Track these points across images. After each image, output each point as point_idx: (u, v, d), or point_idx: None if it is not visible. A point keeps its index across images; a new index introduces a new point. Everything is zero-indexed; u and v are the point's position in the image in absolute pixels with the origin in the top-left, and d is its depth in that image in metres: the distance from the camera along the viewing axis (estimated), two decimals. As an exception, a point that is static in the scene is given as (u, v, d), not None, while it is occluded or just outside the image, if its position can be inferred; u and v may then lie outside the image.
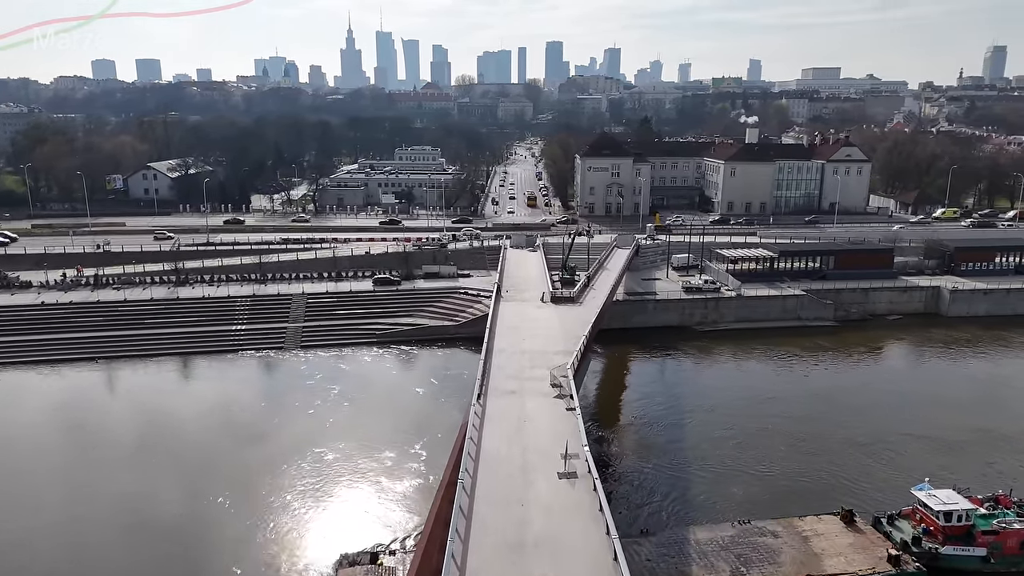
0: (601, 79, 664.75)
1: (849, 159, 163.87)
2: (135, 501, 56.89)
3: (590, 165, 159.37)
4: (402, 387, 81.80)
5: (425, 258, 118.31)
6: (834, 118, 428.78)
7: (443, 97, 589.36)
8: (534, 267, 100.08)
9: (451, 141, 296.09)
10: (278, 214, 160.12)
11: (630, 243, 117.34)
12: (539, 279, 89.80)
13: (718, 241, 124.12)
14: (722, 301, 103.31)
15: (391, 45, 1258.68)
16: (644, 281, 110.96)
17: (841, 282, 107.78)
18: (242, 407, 75.59)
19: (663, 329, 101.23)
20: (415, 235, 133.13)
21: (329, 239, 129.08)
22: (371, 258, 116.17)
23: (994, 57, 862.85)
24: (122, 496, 57.69)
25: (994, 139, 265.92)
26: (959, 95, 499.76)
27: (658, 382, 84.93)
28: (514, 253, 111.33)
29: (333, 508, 55.50)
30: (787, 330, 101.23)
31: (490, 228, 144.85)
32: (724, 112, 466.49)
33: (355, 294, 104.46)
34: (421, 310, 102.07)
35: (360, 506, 55.93)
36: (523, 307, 72.98)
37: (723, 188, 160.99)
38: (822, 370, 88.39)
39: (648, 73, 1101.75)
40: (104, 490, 58.88)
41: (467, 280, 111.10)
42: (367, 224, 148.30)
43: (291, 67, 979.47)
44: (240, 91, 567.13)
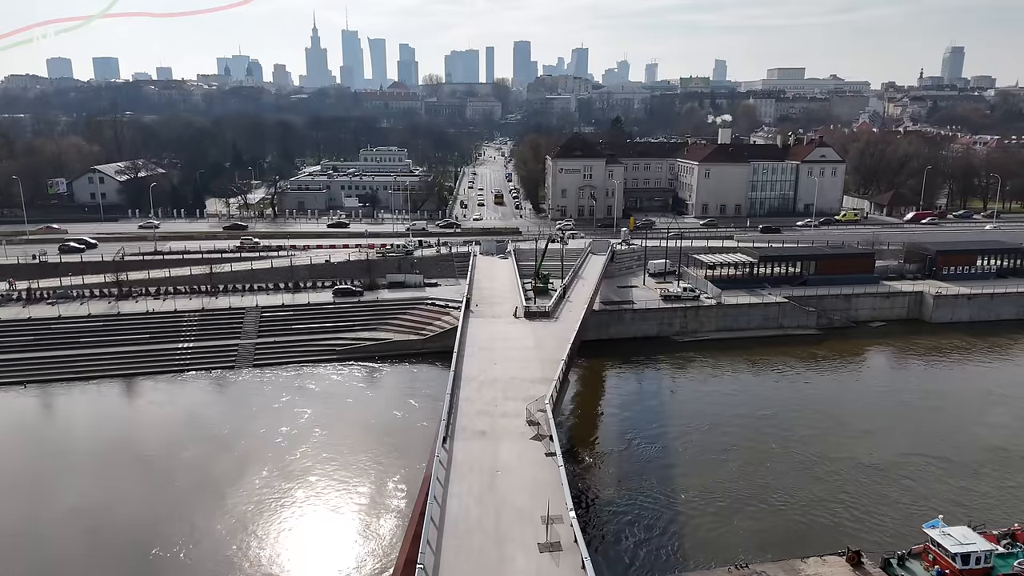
0: (570, 79, 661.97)
1: (823, 160, 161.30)
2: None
3: (562, 167, 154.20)
4: (375, 409, 75.04)
5: (389, 266, 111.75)
6: (801, 118, 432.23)
7: (410, 97, 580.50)
8: (505, 276, 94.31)
9: (418, 142, 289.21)
10: (235, 219, 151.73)
11: (605, 249, 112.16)
12: (511, 290, 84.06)
13: (695, 246, 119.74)
14: (702, 310, 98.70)
15: (357, 44, 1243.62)
16: (620, 289, 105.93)
17: (823, 288, 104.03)
18: (198, 437, 68.09)
19: (641, 340, 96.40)
20: (380, 241, 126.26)
21: (287, 246, 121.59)
22: (331, 267, 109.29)
23: (952, 58, 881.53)
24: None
25: (960, 139, 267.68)
26: (921, 95, 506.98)
27: (639, 398, 79.66)
28: (484, 261, 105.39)
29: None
30: (770, 339, 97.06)
31: (458, 232, 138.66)
32: (693, 112, 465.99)
33: (314, 306, 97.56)
34: (385, 323, 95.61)
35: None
36: (495, 324, 67.09)
37: (697, 190, 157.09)
38: (815, 382, 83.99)
39: (616, 73, 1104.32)
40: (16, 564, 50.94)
41: (434, 290, 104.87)
42: (329, 230, 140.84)
43: (255, 66, 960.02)
44: (200, 90, 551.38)
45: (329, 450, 64.75)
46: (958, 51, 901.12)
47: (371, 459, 62.86)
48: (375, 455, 63.47)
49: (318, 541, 50.47)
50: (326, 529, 52.38)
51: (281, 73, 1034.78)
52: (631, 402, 78.04)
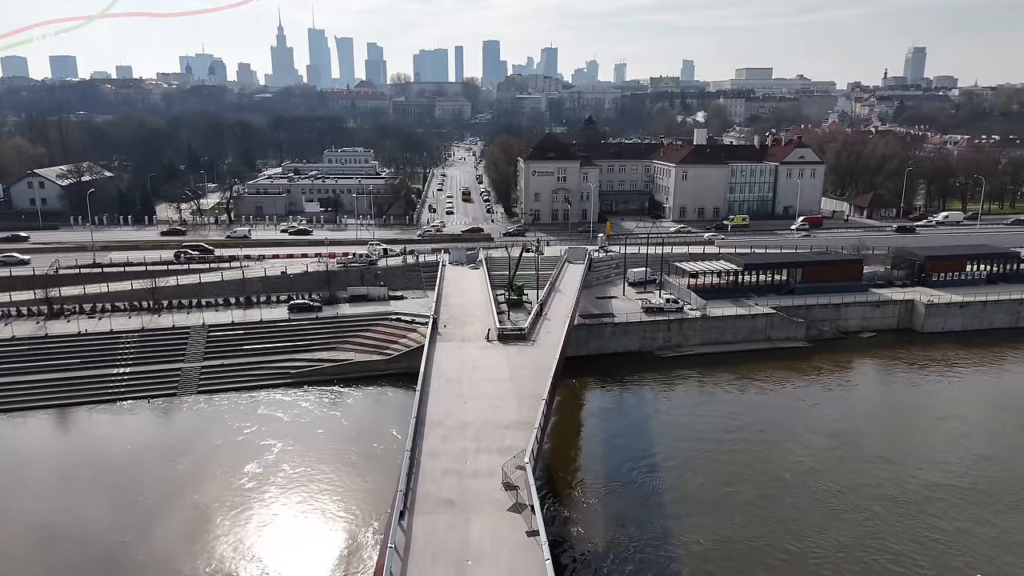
0: (540, 78, 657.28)
1: (803, 161, 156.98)
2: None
3: (534, 169, 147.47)
4: (335, 444, 67.18)
5: (352, 278, 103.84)
6: (771, 117, 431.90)
7: (378, 96, 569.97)
8: (477, 289, 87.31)
9: (385, 142, 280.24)
10: (187, 226, 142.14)
11: (582, 257, 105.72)
12: (483, 306, 77.03)
13: (675, 252, 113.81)
14: (686, 323, 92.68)
15: (324, 43, 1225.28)
16: (599, 300, 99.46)
17: (811, 297, 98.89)
18: (142, 478, 59.80)
19: (623, 356, 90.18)
20: (342, 250, 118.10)
21: (241, 256, 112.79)
22: (287, 279, 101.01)
23: (915, 58, 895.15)
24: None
25: (930, 139, 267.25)
26: (888, 95, 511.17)
27: (625, 423, 73.14)
28: (453, 272, 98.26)
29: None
30: (758, 353, 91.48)
31: (426, 239, 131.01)
32: (664, 112, 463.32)
33: (267, 324, 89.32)
34: (346, 342, 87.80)
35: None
36: (464, 350, 59.99)
37: (675, 192, 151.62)
38: (815, 401, 78.04)
39: (585, 73, 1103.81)
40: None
41: (400, 303, 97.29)
42: (283, 238, 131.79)
43: (218, 64, 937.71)
44: (159, 89, 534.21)
45: (290, 496, 56.94)
46: (920, 52, 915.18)
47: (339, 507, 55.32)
48: (343, 500, 55.89)
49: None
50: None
51: (246, 72, 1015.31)
52: (617, 428, 71.50)
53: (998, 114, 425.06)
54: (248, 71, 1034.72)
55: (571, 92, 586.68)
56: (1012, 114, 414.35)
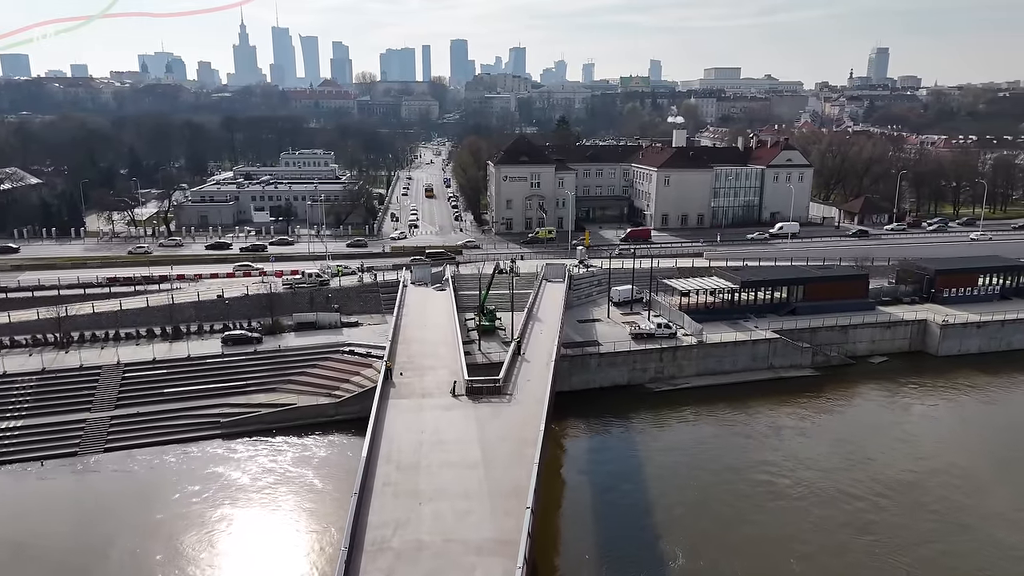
0: (509, 78, 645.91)
1: (790, 164, 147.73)
2: None
3: (506, 174, 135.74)
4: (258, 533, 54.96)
5: (299, 301, 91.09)
6: (743, 117, 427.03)
7: (342, 95, 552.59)
8: (442, 317, 75.39)
9: (348, 143, 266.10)
10: (120, 239, 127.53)
11: (562, 275, 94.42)
12: (448, 342, 65.14)
13: (663, 267, 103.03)
14: (680, 351, 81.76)
15: (288, 42, 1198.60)
16: (581, 325, 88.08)
17: (814, 317, 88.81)
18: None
19: (610, 391, 79.06)
20: (291, 267, 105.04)
21: (172, 275, 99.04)
22: (224, 305, 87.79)
23: (878, 59, 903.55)
24: None
25: (909, 139, 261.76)
26: (857, 95, 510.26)
27: (616, 475, 61.82)
28: (416, 294, 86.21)
29: None
30: (760, 385, 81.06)
31: (388, 253, 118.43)
32: (635, 112, 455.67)
33: (195, 361, 76.17)
34: (289, 381, 75.11)
35: None
36: (424, 412, 48.05)
37: (656, 199, 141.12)
38: (849, 442, 67.62)
39: (553, 73, 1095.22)
40: None
41: (355, 331, 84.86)
42: (230, 253, 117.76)
43: (177, 63, 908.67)
44: (111, 88, 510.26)
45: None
46: (883, 52, 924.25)
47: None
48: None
49: None
50: None
51: (206, 71, 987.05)
52: (607, 482, 60.26)
53: (965, 113, 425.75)
54: (209, 70, 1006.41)
55: (541, 92, 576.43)
56: (979, 114, 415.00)
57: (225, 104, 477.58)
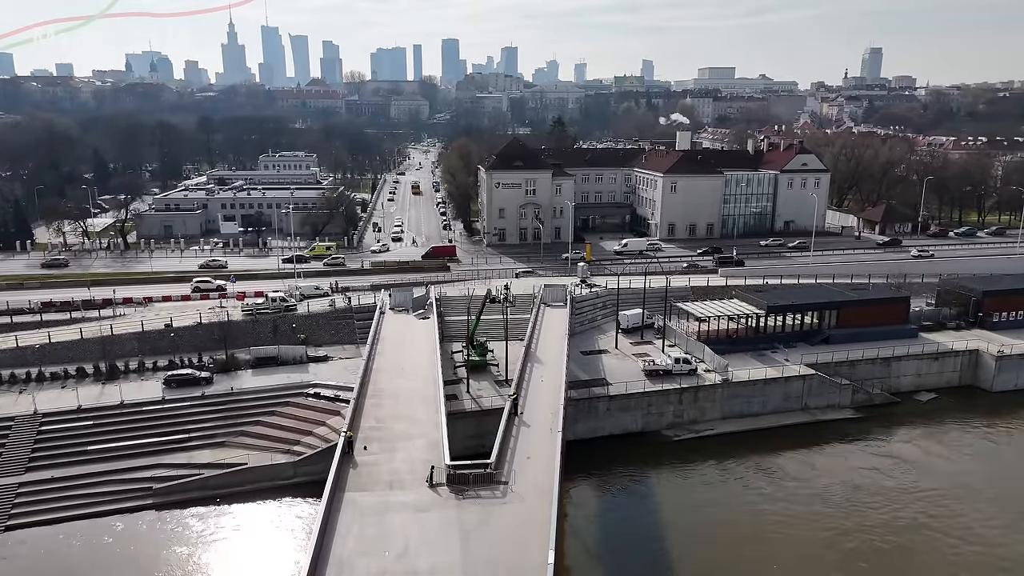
0: (500, 77, 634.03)
1: (805, 168, 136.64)
2: None
3: (499, 180, 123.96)
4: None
5: (260, 331, 79.10)
6: (740, 118, 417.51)
7: (330, 95, 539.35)
8: (423, 358, 63.62)
9: (333, 144, 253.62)
10: (71, 252, 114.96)
11: (562, 298, 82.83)
12: (429, 396, 53.36)
13: (674, 285, 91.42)
14: (702, 391, 70.25)
15: (278, 41, 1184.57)
16: (586, 357, 76.46)
17: (851, 347, 77.72)
18: None
19: (621, 439, 67.59)
20: (255, 287, 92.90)
21: (118, 298, 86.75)
22: (171, 336, 75.50)
23: (871, 59, 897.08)
24: None
25: (918, 140, 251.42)
26: (856, 95, 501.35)
27: (626, 550, 50.27)
28: (394, 325, 74.44)
29: None
30: (795, 430, 69.93)
31: (367, 270, 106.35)
32: (630, 112, 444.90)
33: (130, 409, 64.10)
34: (241, 432, 63.16)
35: None
36: (389, 514, 36.41)
37: (662, 206, 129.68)
38: (883, 507, 56.36)
39: (545, 72, 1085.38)
40: None
41: (322, 368, 72.93)
42: (187, 268, 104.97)
43: (164, 62, 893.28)
44: (91, 87, 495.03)
45: None
46: (876, 52, 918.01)
47: None
48: None
49: None
50: None
51: (193, 70, 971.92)
52: (618, 559, 48.58)
53: (965, 114, 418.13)
54: (196, 69, 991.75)
55: (533, 91, 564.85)
56: (979, 114, 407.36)
57: (208, 104, 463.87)
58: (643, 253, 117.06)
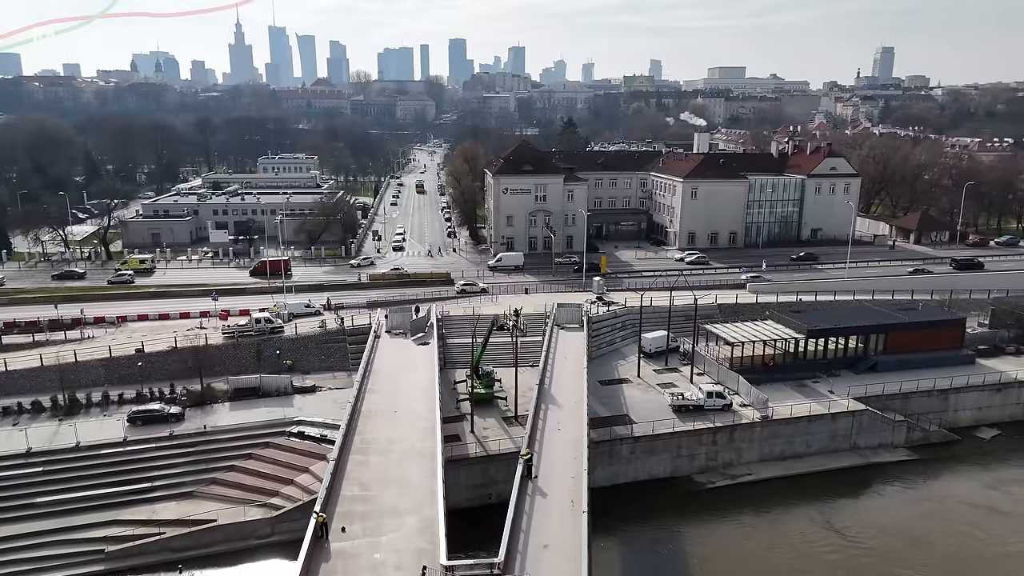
0: (508, 77, 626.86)
1: (834, 173, 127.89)
2: None
3: (506, 186, 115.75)
4: None
5: (242, 356, 71.15)
6: (753, 118, 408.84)
7: (335, 95, 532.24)
8: (420, 394, 55.61)
9: (337, 146, 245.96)
10: (50, 263, 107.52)
11: (578, 319, 74.66)
12: (426, 451, 45.16)
13: (703, 304, 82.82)
14: (739, 430, 61.86)
15: (285, 41, 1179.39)
16: (605, 388, 68.18)
17: (903, 376, 69.15)
18: None
19: (646, 486, 59.31)
20: (241, 304, 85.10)
21: (88, 317, 79.10)
22: (142, 363, 67.54)
23: (883, 58, 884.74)
24: None
25: (942, 141, 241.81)
26: (871, 94, 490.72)
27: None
28: (390, 352, 66.44)
29: None
30: (843, 475, 61.58)
31: (363, 284, 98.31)
32: (641, 112, 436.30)
33: (87, 452, 56.19)
34: (212, 480, 55.19)
35: None
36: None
37: (682, 213, 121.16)
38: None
39: (553, 72, 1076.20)
40: None
41: (309, 401, 64.90)
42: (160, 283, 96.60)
43: (170, 62, 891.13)
44: (94, 87, 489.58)
45: None
46: (888, 51, 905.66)
47: None
48: None
49: None
50: None
51: (200, 70, 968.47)
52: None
53: (984, 114, 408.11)
54: (203, 69, 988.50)
55: (541, 91, 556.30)
56: (998, 114, 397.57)
57: (213, 104, 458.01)
58: (520, 269, 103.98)
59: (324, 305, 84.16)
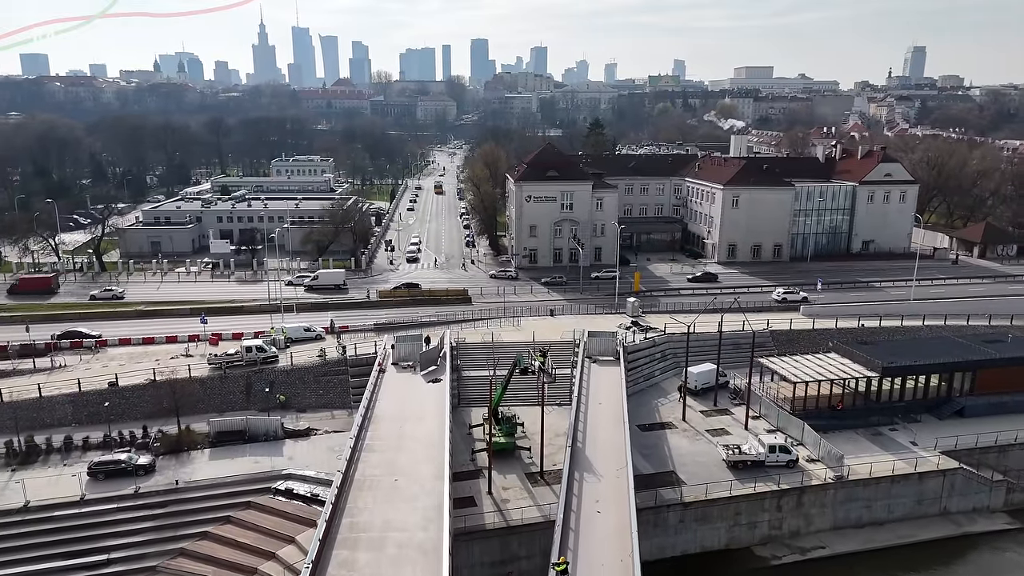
0: (530, 76, 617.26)
1: (889, 180, 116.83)
2: None
3: (530, 193, 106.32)
4: None
5: (230, 391, 62.55)
6: (783, 119, 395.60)
7: (356, 95, 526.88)
8: (427, 452, 46.36)
9: (356, 147, 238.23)
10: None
11: (612, 350, 65.09)
12: (428, 537, 35.88)
13: (749, 331, 72.68)
14: (808, 493, 51.80)
15: (308, 42, 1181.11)
16: (645, 434, 58.43)
17: (999, 425, 58.86)
18: None
19: (697, 560, 49.52)
20: (234, 327, 76.60)
21: (61, 342, 71.02)
22: (108, 404, 58.93)
23: (914, 57, 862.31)
24: None
25: (990, 143, 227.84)
26: (906, 95, 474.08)
27: None
28: (395, 391, 57.40)
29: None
30: (933, 547, 51.31)
31: (372, 302, 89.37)
32: (667, 112, 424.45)
33: (35, 516, 47.63)
34: (181, 552, 46.39)
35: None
36: None
37: (722, 224, 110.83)
38: None
39: (575, 73, 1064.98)
40: None
41: (301, 448, 55.96)
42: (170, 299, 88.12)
43: (194, 62, 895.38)
44: (115, 87, 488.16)
45: None
46: (920, 51, 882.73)
47: None
48: None
49: None
50: None
51: (223, 70, 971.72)
52: None
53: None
54: (226, 70, 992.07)
55: (564, 91, 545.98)
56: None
57: (232, 104, 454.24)
58: (340, 288, 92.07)
59: (327, 328, 75.33)
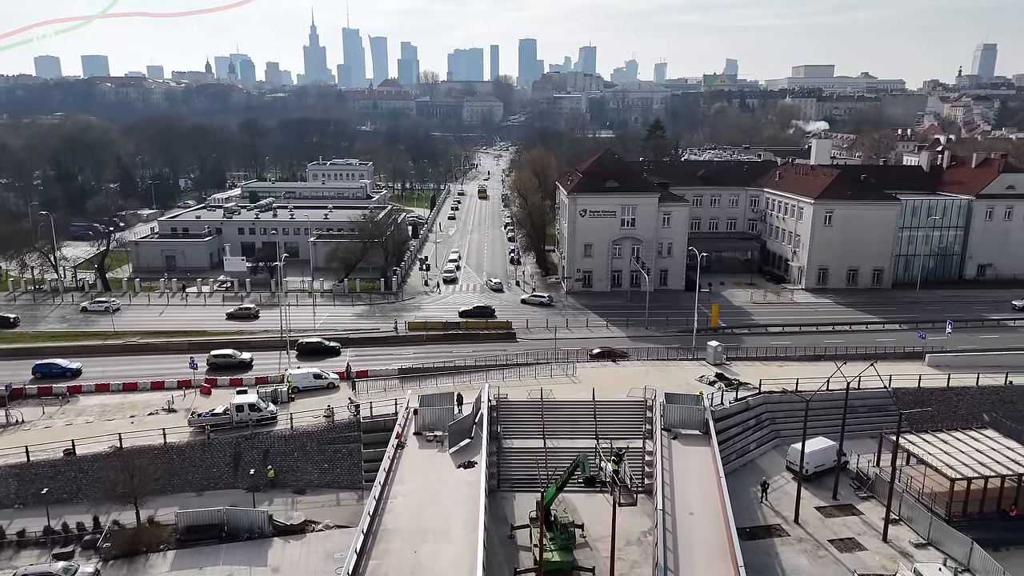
0: (579, 76, 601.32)
1: (1012, 193, 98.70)
2: None
3: (585, 207, 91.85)
4: None
5: (215, 461, 49.92)
6: (849, 120, 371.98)
7: (402, 96, 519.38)
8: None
9: (397, 149, 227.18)
10: (43, 294, 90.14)
11: (698, 421, 50.20)
12: None
13: (870, 389, 56.71)
14: (994, 656, 36.21)
15: (358, 43, 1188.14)
16: (744, 543, 43.30)
17: None
18: None
19: None
20: (235, 373, 64.28)
21: (33, 389, 59.64)
22: (70, 475, 46.83)
23: (984, 55, 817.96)
24: None
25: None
26: (985, 94, 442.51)
27: None
28: (414, 479, 43.84)
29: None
30: None
31: (399, 337, 76.02)
32: (724, 113, 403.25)
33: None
34: None
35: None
36: None
37: (812, 244, 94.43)
38: None
39: (624, 72, 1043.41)
40: None
41: (294, 549, 42.86)
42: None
43: (246, 64, 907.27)
44: (164, 87, 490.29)
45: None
46: (990, 48, 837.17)
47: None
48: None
49: None
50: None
51: (274, 71, 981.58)
52: None
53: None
54: (277, 71, 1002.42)
55: (614, 91, 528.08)
56: None
57: (279, 104, 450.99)
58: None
59: (341, 374, 62.36)
